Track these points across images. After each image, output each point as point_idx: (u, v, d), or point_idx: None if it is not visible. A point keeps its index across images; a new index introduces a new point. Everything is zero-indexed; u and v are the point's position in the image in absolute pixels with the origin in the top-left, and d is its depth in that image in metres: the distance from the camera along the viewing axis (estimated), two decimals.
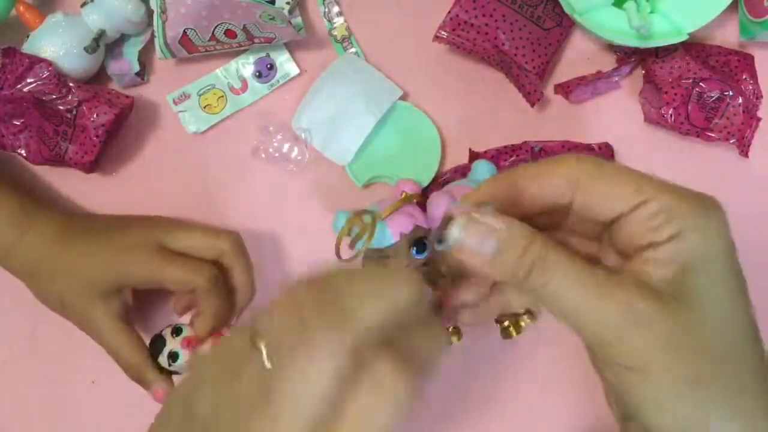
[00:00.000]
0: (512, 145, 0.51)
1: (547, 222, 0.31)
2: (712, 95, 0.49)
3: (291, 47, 0.55)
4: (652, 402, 0.27)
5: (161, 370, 0.45)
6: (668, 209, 0.27)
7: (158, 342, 0.45)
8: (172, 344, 0.45)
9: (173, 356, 0.45)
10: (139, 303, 0.52)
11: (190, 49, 0.52)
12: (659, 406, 0.27)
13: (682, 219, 0.27)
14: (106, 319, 0.46)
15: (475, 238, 0.27)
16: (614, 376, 0.28)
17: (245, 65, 0.55)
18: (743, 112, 0.49)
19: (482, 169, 0.49)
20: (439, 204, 0.46)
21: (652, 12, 0.49)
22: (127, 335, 0.46)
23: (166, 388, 0.46)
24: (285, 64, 0.55)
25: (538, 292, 0.27)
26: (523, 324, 0.51)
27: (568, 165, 0.28)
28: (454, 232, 0.27)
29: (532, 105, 0.51)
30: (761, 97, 0.51)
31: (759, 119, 0.50)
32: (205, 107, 0.55)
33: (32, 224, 0.48)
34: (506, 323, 0.51)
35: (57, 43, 0.51)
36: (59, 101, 0.50)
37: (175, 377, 0.46)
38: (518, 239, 0.27)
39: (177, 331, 0.45)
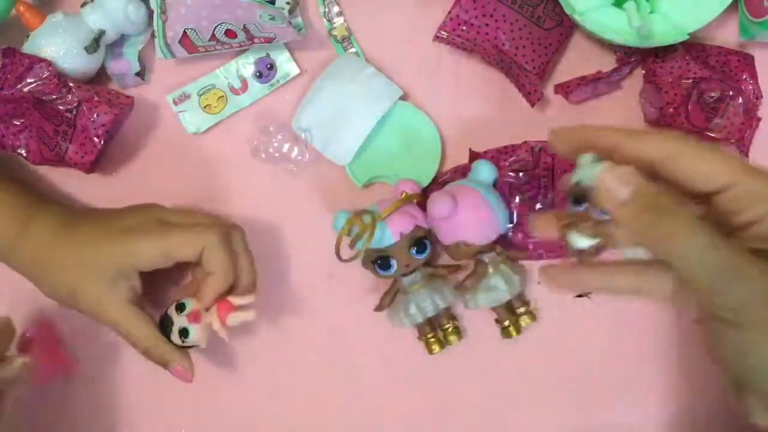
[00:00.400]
0: (512, 145, 0.51)
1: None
2: (712, 95, 0.49)
3: (291, 47, 0.55)
4: (761, 360, 0.30)
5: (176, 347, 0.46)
6: (754, 192, 0.30)
7: (165, 322, 0.45)
8: (180, 321, 0.45)
9: (184, 333, 0.45)
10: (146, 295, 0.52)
11: (190, 49, 0.52)
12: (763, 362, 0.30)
13: (764, 203, 0.30)
14: (118, 305, 0.46)
15: (615, 182, 0.30)
16: (723, 339, 0.31)
17: (245, 65, 0.55)
18: (743, 112, 0.49)
19: (482, 169, 0.49)
20: (438, 204, 0.46)
21: (652, 12, 0.49)
22: (140, 318, 0.46)
23: (185, 364, 0.46)
24: (285, 64, 0.55)
25: (663, 243, 0.30)
26: (523, 324, 0.51)
27: (665, 139, 0.32)
28: (598, 171, 0.31)
29: (532, 105, 0.51)
30: (761, 97, 0.51)
31: (759, 119, 0.50)
32: (205, 107, 0.55)
33: (34, 218, 0.48)
34: (506, 323, 0.51)
35: (57, 43, 0.51)
36: (59, 101, 0.50)
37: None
38: (650, 189, 0.30)
39: (180, 307, 0.45)
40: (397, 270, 0.48)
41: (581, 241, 0.34)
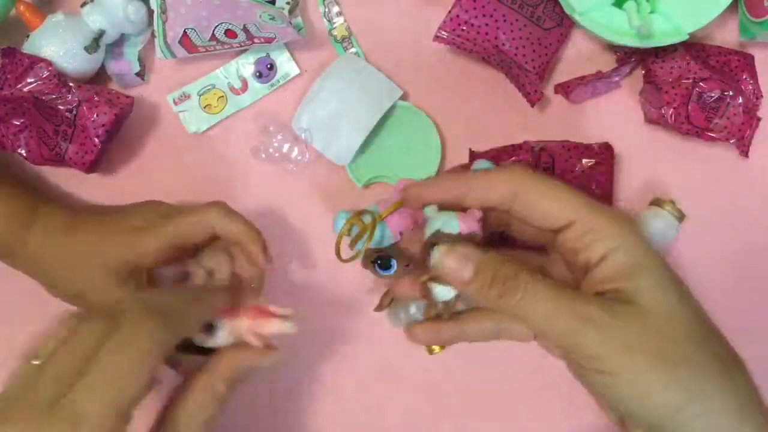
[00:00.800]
0: (512, 145, 0.51)
1: (495, 221, 0.36)
2: (712, 95, 0.49)
3: (291, 47, 0.55)
4: (631, 398, 0.30)
5: (191, 349, 0.38)
6: (593, 230, 0.32)
7: None
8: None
9: (209, 328, 0.37)
10: None
11: (190, 49, 0.52)
12: (638, 400, 0.30)
13: (607, 240, 0.31)
14: None
15: (456, 262, 0.32)
16: (592, 383, 0.32)
17: (245, 65, 0.55)
18: (743, 112, 0.49)
19: (482, 169, 0.49)
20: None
21: (652, 12, 0.49)
22: None
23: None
24: (285, 64, 0.55)
25: (512, 309, 0.32)
26: None
27: (510, 177, 0.34)
28: (436, 256, 0.32)
29: (533, 105, 0.51)
30: (761, 97, 0.51)
31: (759, 119, 0.50)
32: (205, 107, 0.55)
33: (37, 218, 0.48)
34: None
35: (57, 43, 0.51)
36: (59, 101, 0.50)
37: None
38: (491, 261, 0.32)
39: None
40: (397, 270, 0.48)
41: (444, 292, 0.35)
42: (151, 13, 0.52)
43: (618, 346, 0.30)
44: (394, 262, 0.48)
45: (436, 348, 0.51)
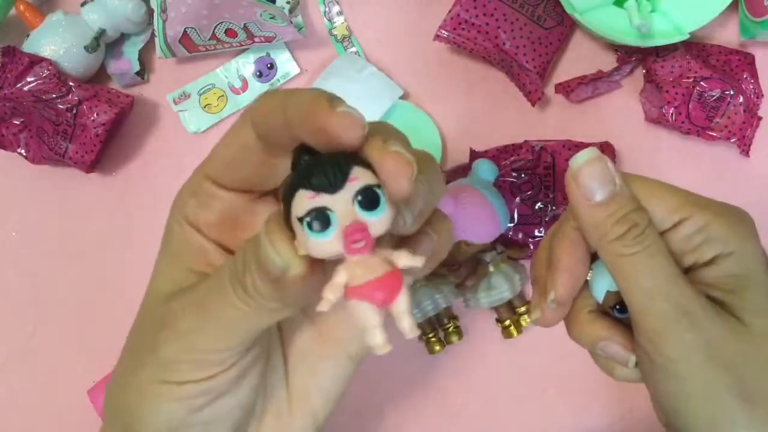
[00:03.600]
0: (513, 144, 0.51)
1: None
2: (713, 94, 0.49)
3: (291, 46, 0.55)
4: (694, 418, 0.26)
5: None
6: (704, 230, 0.27)
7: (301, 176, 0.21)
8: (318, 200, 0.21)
9: (322, 221, 0.20)
10: None
11: (191, 49, 0.52)
12: (705, 424, 0.26)
13: (720, 243, 0.27)
14: None
15: (597, 174, 0.27)
16: (656, 384, 0.28)
17: (245, 64, 0.55)
18: (744, 111, 0.49)
19: (483, 169, 0.49)
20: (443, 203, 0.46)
21: (652, 11, 0.49)
22: None
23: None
24: (285, 63, 0.55)
25: (619, 261, 0.27)
26: (524, 323, 0.51)
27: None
28: (581, 158, 0.27)
29: (533, 104, 0.51)
30: (762, 96, 0.51)
31: (760, 118, 0.50)
32: (205, 107, 0.55)
33: None
34: (507, 323, 0.51)
35: (57, 42, 0.51)
36: (59, 100, 0.50)
37: None
38: (632, 200, 0.27)
39: (338, 164, 0.20)
40: None
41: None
42: (151, 12, 0.52)
43: (705, 356, 0.26)
44: None
45: (437, 347, 0.51)
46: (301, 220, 0.20)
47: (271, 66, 0.55)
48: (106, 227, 0.55)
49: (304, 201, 0.20)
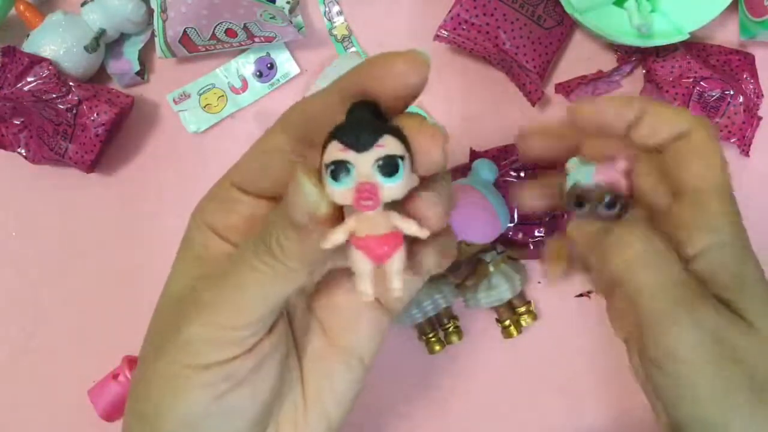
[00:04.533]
0: (513, 144, 0.51)
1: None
2: (713, 94, 0.49)
3: (291, 46, 0.55)
4: (700, 417, 0.26)
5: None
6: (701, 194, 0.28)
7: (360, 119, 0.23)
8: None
9: (342, 170, 0.22)
10: None
11: (191, 49, 0.52)
12: (709, 423, 0.26)
13: (709, 233, 0.28)
14: None
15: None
16: (656, 380, 0.28)
17: (245, 64, 0.55)
18: (744, 111, 0.49)
19: (483, 169, 0.49)
20: None
21: (652, 11, 0.49)
22: None
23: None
24: (285, 63, 0.55)
25: (615, 267, 0.27)
26: (524, 323, 0.51)
27: (694, 117, 0.29)
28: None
29: (533, 104, 0.51)
30: (762, 96, 0.51)
31: (760, 118, 0.50)
32: (205, 107, 0.55)
33: None
34: (507, 323, 0.51)
35: (57, 42, 0.51)
36: (59, 100, 0.50)
37: None
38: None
39: (372, 128, 0.22)
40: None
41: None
42: (151, 12, 0.52)
43: (711, 355, 0.26)
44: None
45: (437, 347, 0.51)
46: (327, 167, 0.22)
47: (271, 66, 0.55)
48: (106, 227, 0.55)
49: (334, 151, 0.22)
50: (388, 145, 0.22)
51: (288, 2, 0.53)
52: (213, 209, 0.29)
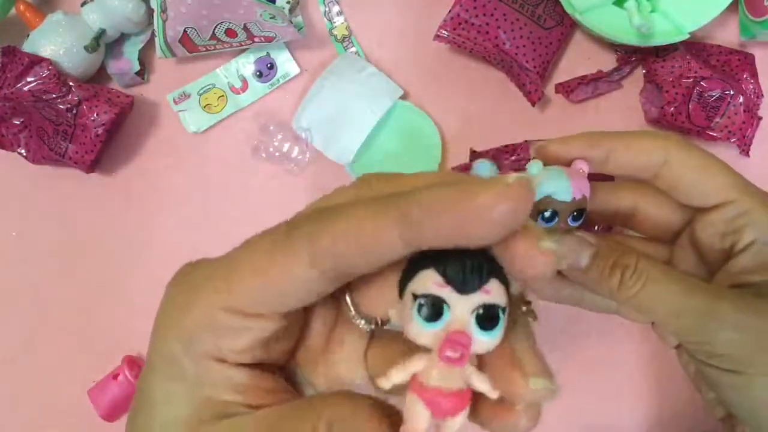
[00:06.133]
0: (513, 144, 0.51)
1: (621, 214, 0.32)
2: (713, 94, 0.49)
3: (291, 46, 0.55)
4: (759, 403, 0.27)
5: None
6: (747, 214, 0.28)
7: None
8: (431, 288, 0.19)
9: (435, 311, 0.19)
10: None
11: (191, 49, 0.52)
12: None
13: (761, 227, 0.28)
14: None
15: (574, 248, 0.29)
16: (711, 378, 0.28)
17: (245, 64, 0.55)
18: (744, 111, 0.49)
19: (483, 169, 0.49)
20: None
21: (652, 11, 0.49)
22: None
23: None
24: (285, 63, 0.55)
25: (632, 301, 0.28)
26: None
27: (664, 141, 0.29)
28: (547, 245, 0.25)
29: (533, 104, 0.51)
30: (762, 96, 0.51)
31: (760, 118, 0.50)
32: (205, 107, 0.55)
33: None
34: None
35: (57, 42, 0.51)
36: (59, 100, 0.50)
37: None
38: (613, 250, 0.28)
39: (480, 268, 0.19)
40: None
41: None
42: (151, 12, 0.52)
43: (754, 346, 0.26)
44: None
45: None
46: (415, 297, 0.19)
47: (271, 66, 0.55)
48: (106, 227, 0.55)
49: (428, 283, 0.19)
50: (495, 291, 0.19)
51: (288, 2, 0.53)
52: (205, 341, 0.22)
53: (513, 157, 0.51)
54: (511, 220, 0.17)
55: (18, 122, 0.52)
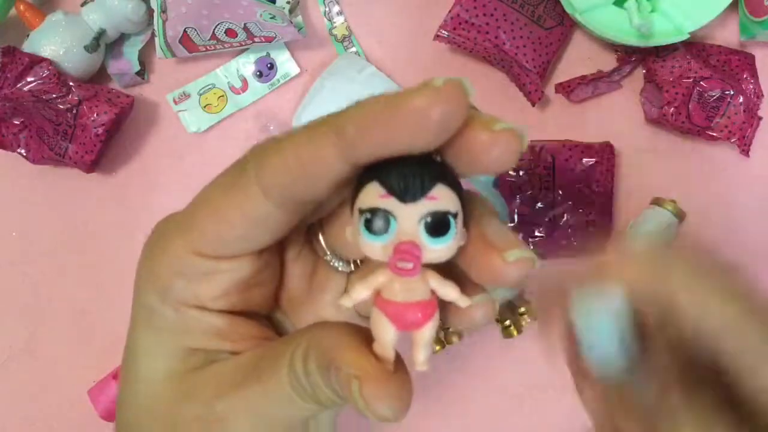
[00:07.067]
0: None
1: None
2: (713, 94, 0.49)
3: (291, 46, 0.55)
4: None
5: None
6: None
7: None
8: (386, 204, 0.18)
9: (381, 221, 0.18)
10: None
11: (191, 49, 0.52)
12: None
13: None
14: None
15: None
16: None
17: (246, 64, 0.55)
18: (744, 111, 0.49)
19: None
20: None
21: (652, 11, 0.49)
22: None
23: None
24: (285, 63, 0.55)
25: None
26: (524, 323, 0.51)
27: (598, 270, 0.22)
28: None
29: (533, 104, 0.51)
30: (762, 96, 0.51)
31: (760, 118, 0.50)
32: (205, 107, 0.55)
33: None
34: (507, 323, 0.51)
35: (57, 42, 0.51)
36: (59, 100, 0.50)
37: None
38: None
39: (422, 174, 0.18)
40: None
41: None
42: (151, 12, 0.52)
43: None
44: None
45: (437, 347, 0.51)
46: (361, 212, 0.18)
47: (271, 66, 0.55)
48: (106, 227, 0.55)
49: (373, 196, 0.18)
50: (442, 197, 0.18)
51: (288, 2, 0.53)
52: (177, 286, 0.22)
53: None
54: (446, 121, 0.17)
55: (18, 122, 0.52)
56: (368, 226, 0.18)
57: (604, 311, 0.21)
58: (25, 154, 0.52)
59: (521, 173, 0.51)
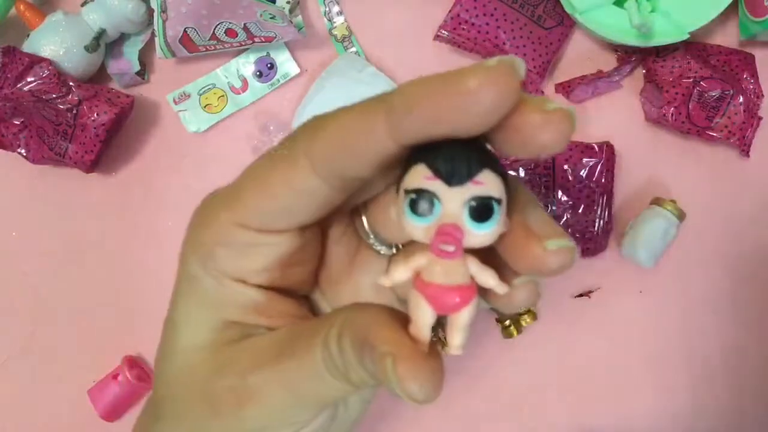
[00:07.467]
0: None
1: None
2: (713, 94, 0.49)
3: (291, 46, 0.55)
4: None
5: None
6: None
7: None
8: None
9: (424, 202, 0.18)
10: None
11: (191, 49, 0.52)
12: None
13: None
14: None
15: None
16: None
17: (246, 64, 0.55)
18: (744, 111, 0.49)
19: None
20: None
21: (652, 11, 0.49)
22: None
23: None
24: (285, 63, 0.55)
25: None
26: (524, 324, 0.51)
27: None
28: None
29: None
30: (762, 96, 0.51)
31: (760, 118, 0.50)
32: (205, 107, 0.55)
33: None
34: (507, 323, 0.51)
35: (57, 42, 0.51)
36: (59, 100, 0.50)
37: None
38: None
39: (469, 159, 0.18)
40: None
41: None
42: (151, 12, 0.52)
43: None
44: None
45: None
46: (406, 192, 0.18)
47: (271, 66, 0.55)
48: (106, 227, 0.55)
49: (419, 177, 0.18)
50: (487, 182, 0.18)
51: (288, 2, 0.53)
52: (220, 256, 0.23)
53: (512, 157, 0.51)
54: (498, 104, 0.16)
55: (18, 122, 0.52)
56: (413, 206, 0.18)
57: None
58: (25, 154, 0.52)
59: (521, 173, 0.51)
